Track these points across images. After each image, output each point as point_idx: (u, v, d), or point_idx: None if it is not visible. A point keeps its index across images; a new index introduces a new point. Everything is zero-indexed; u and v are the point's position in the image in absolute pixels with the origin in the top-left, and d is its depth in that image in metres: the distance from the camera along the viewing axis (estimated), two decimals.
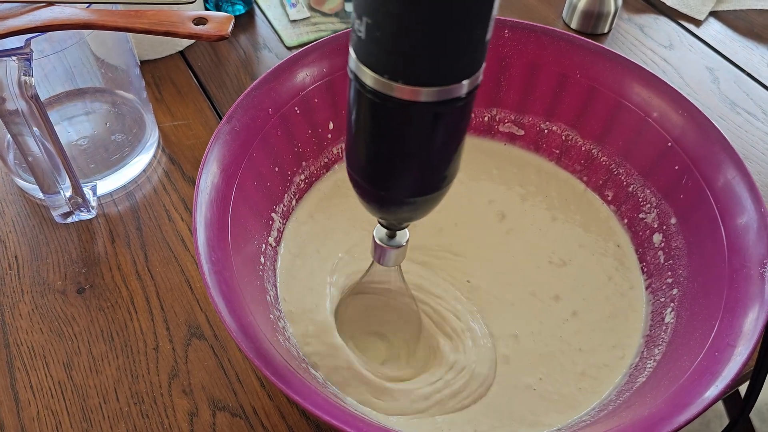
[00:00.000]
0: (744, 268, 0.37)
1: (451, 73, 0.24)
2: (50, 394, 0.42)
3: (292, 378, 0.32)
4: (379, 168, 0.29)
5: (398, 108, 0.25)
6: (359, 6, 0.24)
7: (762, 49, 0.67)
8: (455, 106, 0.25)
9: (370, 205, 0.31)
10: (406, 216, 0.32)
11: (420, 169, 0.28)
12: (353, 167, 0.30)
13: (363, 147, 0.28)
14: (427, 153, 0.27)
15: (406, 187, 0.29)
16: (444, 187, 0.30)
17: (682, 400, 0.33)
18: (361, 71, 0.25)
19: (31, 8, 0.41)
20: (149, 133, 0.54)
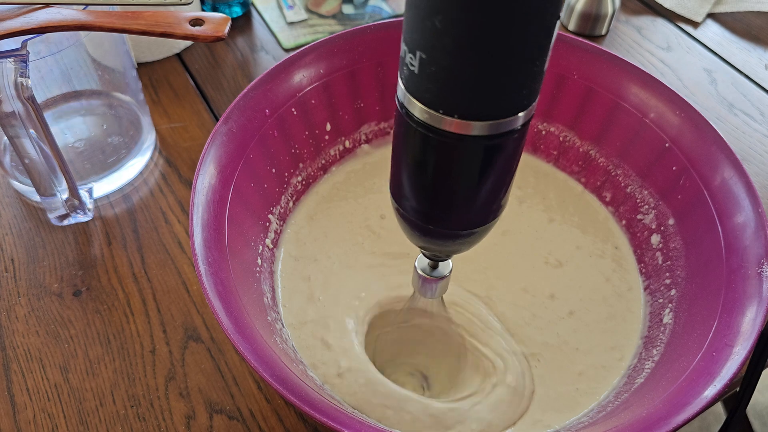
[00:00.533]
0: (742, 268, 0.37)
1: (508, 106, 0.24)
2: (46, 397, 0.42)
3: (290, 380, 0.32)
4: (425, 202, 0.28)
5: (453, 142, 0.24)
6: (413, 40, 0.23)
7: (759, 51, 0.67)
8: (510, 138, 0.25)
9: (414, 237, 0.30)
10: (451, 249, 0.31)
11: (471, 203, 0.27)
12: (398, 199, 0.29)
13: (410, 180, 0.28)
14: (480, 186, 0.27)
15: (457, 221, 0.28)
16: (494, 219, 0.29)
17: (681, 400, 0.32)
18: (412, 104, 0.24)
19: (28, 10, 0.41)
20: (146, 136, 0.54)
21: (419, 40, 0.23)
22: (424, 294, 0.35)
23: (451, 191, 0.27)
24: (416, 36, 0.23)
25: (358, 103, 0.49)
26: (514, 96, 0.23)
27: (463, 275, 0.45)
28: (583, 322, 0.44)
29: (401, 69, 0.25)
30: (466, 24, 0.21)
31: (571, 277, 0.46)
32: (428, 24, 0.22)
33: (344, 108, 0.49)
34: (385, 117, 0.51)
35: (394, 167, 0.29)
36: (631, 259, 0.47)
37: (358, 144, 0.51)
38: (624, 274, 0.46)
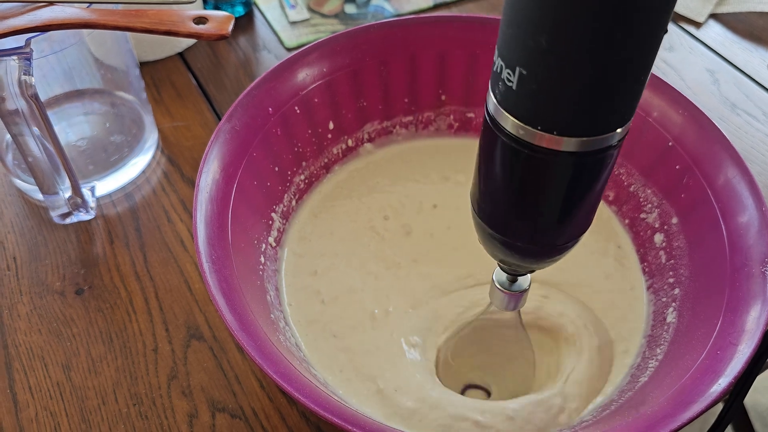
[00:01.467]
0: (745, 267, 0.37)
1: (608, 122, 0.24)
2: (49, 395, 0.42)
3: (294, 377, 0.32)
4: (510, 216, 0.28)
5: (548, 158, 0.24)
6: (512, 57, 0.23)
7: (762, 51, 0.67)
8: (606, 154, 0.25)
9: (494, 250, 0.30)
10: (532, 265, 0.31)
11: (559, 219, 0.27)
12: (480, 211, 0.29)
13: (495, 194, 0.27)
14: (570, 203, 0.27)
15: (541, 237, 0.28)
16: (580, 235, 0.28)
17: (685, 398, 0.32)
18: (504, 118, 0.24)
19: (32, 8, 0.41)
20: (148, 135, 0.54)
21: (521, 58, 0.22)
22: (502, 307, 0.35)
23: (540, 207, 0.27)
24: (518, 53, 0.22)
25: (361, 101, 0.49)
26: (616, 113, 0.23)
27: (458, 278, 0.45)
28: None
29: (495, 84, 0.24)
30: (575, 44, 0.21)
31: (573, 275, 0.46)
32: (532, 42, 0.22)
33: (347, 107, 0.49)
34: (387, 116, 0.51)
35: (477, 180, 0.28)
36: (633, 258, 0.46)
37: (361, 143, 0.51)
38: (626, 272, 0.46)
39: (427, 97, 0.51)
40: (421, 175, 0.50)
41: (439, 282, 0.45)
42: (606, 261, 0.46)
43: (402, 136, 0.52)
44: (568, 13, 0.21)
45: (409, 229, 0.47)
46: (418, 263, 0.45)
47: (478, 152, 0.28)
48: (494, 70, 0.24)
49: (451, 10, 0.70)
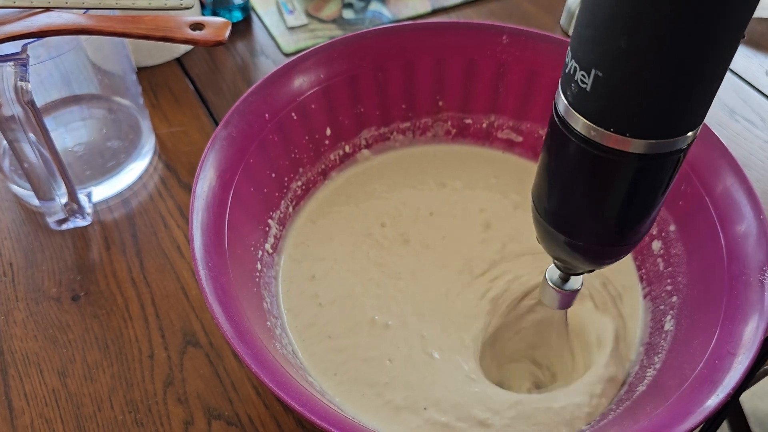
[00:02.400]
0: (743, 275, 0.37)
1: (681, 125, 0.24)
2: (44, 401, 0.41)
3: (291, 385, 0.32)
4: (576, 217, 0.28)
5: (618, 159, 0.24)
6: (588, 59, 0.23)
7: (760, 57, 0.67)
8: (676, 156, 0.25)
9: (553, 248, 0.30)
10: (589, 264, 0.31)
11: (624, 221, 0.27)
12: (541, 208, 0.29)
13: (559, 193, 0.28)
14: (635, 204, 0.27)
15: (603, 237, 0.28)
16: (641, 238, 0.29)
17: (683, 409, 0.32)
18: (575, 119, 0.24)
19: (29, 14, 0.41)
20: (145, 140, 0.54)
21: (597, 60, 0.22)
22: (553, 306, 0.35)
23: (605, 208, 0.27)
24: (594, 55, 0.23)
25: (358, 108, 0.49)
26: (689, 116, 0.24)
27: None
28: None
29: (567, 85, 0.25)
30: (654, 46, 0.21)
31: None
32: (611, 45, 0.22)
33: (344, 113, 0.49)
34: (385, 122, 0.51)
35: (541, 180, 0.29)
36: (630, 265, 0.46)
37: (358, 149, 0.51)
38: (623, 279, 0.46)
39: (425, 103, 0.51)
40: (418, 182, 0.50)
41: (439, 291, 0.44)
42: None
43: (399, 143, 0.52)
44: (648, 15, 0.21)
45: (407, 237, 0.47)
46: (416, 273, 0.45)
47: (543, 153, 0.28)
48: (566, 71, 0.24)
49: (450, 16, 0.70)
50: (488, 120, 0.52)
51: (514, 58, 0.49)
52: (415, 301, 0.44)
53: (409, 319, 0.43)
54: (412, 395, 0.39)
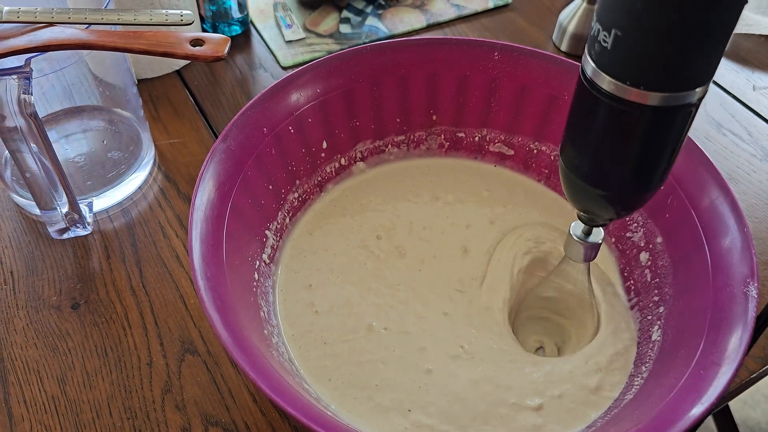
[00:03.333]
0: (728, 287, 0.38)
1: (690, 81, 0.27)
2: (44, 408, 0.42)
3: (287, 391, 0.33)
4: (598, 165, 0.31)
5: (635, 111, 0.28)
6: (609, 20, 0.26)
7: (747, 72, 0.68)
8: (685, 111, 0.28)
9: (578, 199, 0.34)
10: (612, 212, 0.34)
11: (644, 169, 0.31)
12: (569, 163, 0.33)
13: (586, 146, 0.31)
14: (652, 154, 0.30)
15: (624, 186, 0.32)
16: (658, 187, 0.32)
17: (669, 417, 0.33)
18: (600, 77, 0.28)
19: (32, 28, 0.42)
20: (145, 151, 0.55)
21: (616, 20, 0.26)
22: (579, 259, 0.39)
23: (627, 158, 0.30)
24: (614, 16, 0.26)
25: (354, 121, 0.50)
26: (696, 72, 0.27)
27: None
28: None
29: (591, 47, 0.28)
30: (670, 5, 0.24)
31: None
32: (629, 6, 0.25)
33: (340, 126, 0.50)
34: (379, 135, 0.52)
35: (570, 137, 0.32)
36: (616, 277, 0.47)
37: (354, 162, 0.52)
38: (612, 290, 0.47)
39: (419, 117, 0.52)
40: (413, 195, 0.51)
41: (438, 303, 0.45)
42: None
43: (394, 155, 0.53)
44: None
45: (402, 251, 0.48)
46: (415, 286, 0.46)
47: (570, 113, 0.32)
48: (591, 34, 0.28)
49: (444, 31, 0.71)
50: (480, 134, 0.53)
51: (506, 73, 0.50)
52: (416, 310, 0.45)
53: (410, 326, 0.44)
54: (398, 397, 0.40)
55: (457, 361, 0.42)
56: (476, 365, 0.42)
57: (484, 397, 0.40)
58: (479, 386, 0.41)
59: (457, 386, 0.41)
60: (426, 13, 0.72)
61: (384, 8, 0.73)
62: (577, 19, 0.67)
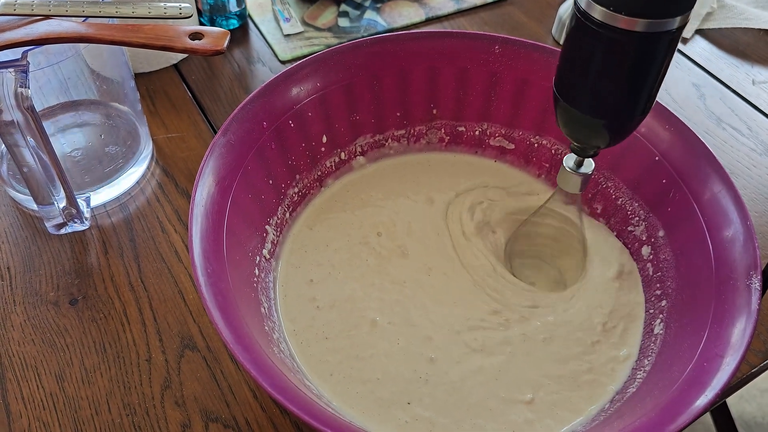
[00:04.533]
0: (731, 280, 0.38)
1: (669, 10, 0.31)
2: (42, 405, 0.42)
3: (288, 387, 0.33)
4: (593, 93, 0.34)
5: (623, 38, 0.31)
6: None
7: (747, 67, 0.68)
8: (667, 38, 0.31)
9: (570, 127, 0.37)
10: (601, 139, 0.37)
11: (631, 94, 0.34)
12: (562, 92, 0.36)
13: (583, 77, 0.34)
14: (640, 79, 0.33)
15: (613, 111, 0.35)
16: (647, 110, 0.35)
17: (673, 409, 0.33)
18: (592, 7, 0.31)
19: (29, 21, 0.41)
20: (143, 146, 0.55)
21: None
22: (574, 189, 0.41)
23: (618, 83, 0.33)
24: None
25: (354, 115, 0.50)
26: (673, 3, 0.30)
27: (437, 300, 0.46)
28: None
29: None
30: None
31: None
32: None
33: (340, 120, 0.49)
34: (380, 129, 0.51)
35: (565, 69, 0.35)
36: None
37: (354, 156, 0.52)
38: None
39: (419, 111, 0.52)
40: (412, 192, 0.51)
41: (446, 298, 0.45)
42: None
43: (394, 150, 0.53)
44: None
45: (405, 249, 0.48)
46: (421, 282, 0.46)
47: (566, 50, 0.35)
48: None
49: (443, 25, 0.71)
50: (481, 128, 0.53)
51: (506, 67, 0.50)
52: (425, 304, 0.45)
53: (416, 319, 0.44)
54: (399, 389, 0.40)
55: (462, 348, 0.42)
56: (482, 355, 0.42)
57: (480, 387, 0.41)
58: (477, 375, 0.41)
59: (456, 375, 0.41)
60: (425, 6, 0.72)
61: (382, 2, 0.72)
62: None
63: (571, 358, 0.42)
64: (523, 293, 0.45)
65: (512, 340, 0.43)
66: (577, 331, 0.43)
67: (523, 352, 0.42)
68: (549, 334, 0.43)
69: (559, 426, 0.39)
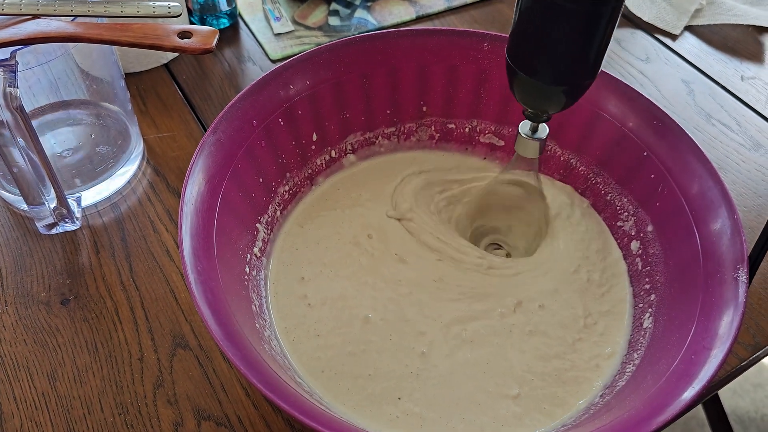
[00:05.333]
0: (718, 273, 0.38)
1: None
2: (34, 405, 0.42)
3: (279, 385, 0.33)
4: (543, 59, 0.36)
5: (576, 8, 0.33)
6: None
7: (736, 63, 0.69)
8: (612, 4, 0.33)
9: (521, 92, 0.39)
10: (551, 103, 0.39)
11: (578, 58, 0.35)
12: (513, 58, 0.37)
13: (536, 45, 0.36)
14: (580, 44, 0.35)
15: (557, 74, 0.36)
16: (590, 78, 0.37)
17: (660, 401, 0.33)
18: None
19: (17, 20, 0.41)
20: (134, 145, 0.55)
21: None
22: (531, 154, 0.43)
23: (572, 48, 0.35)
24: None
25: (344, 113, 0.50)
26: None
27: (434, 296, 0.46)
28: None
29: None
30: None
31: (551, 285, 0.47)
32: None
33: (330, 118, 0.49)
34: (370, 127, 0.52)
35: (518, 38, 0.37)
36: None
37: (344, 154, 0.52)
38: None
39: (409, 109, 0.52)
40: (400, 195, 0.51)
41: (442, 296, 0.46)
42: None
43: (384, 147, 0.53)
44: None
45: (395, 251, 0.48)
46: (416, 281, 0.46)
47: (519, 20, 0.36)
48: None
49: (433, 22, 0.71)
50: (471, 125, 0.53)
51: (496, 64, 0.50)
52: (420, 301, 0.45)
53: (411, 315, 0.44)
54: (390, 385, 0.40)
55: (453, 340, 0.43)
56: (472, 347, 0.43)
57: (469, 381, 0.41)
58: (466, 368, 0.42)
59: (445, 369, 0.41)
60: (415, 4, 0.72)
61: (373, 0, 0.72)
62: None
63: (553, 357, 0.42)
64: (509, 284, 0.46)
65: (499, 332, 0.43)
66: (558, 329, 0.44)
67: (509, 345, 0.43)
68: (534, 328, 0.44)
69: (548, 420, 0.39)
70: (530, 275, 0.46)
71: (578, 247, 0.47)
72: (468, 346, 0.42)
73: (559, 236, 0.48)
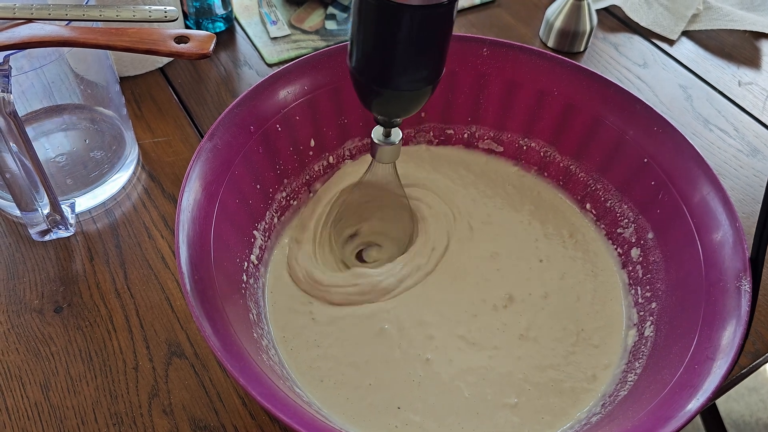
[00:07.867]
0: (721, 282, 0.38)
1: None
2: (26, 415, 0.41)
3: (277, 395, 0.32)
4: (372, 62, 0.35)
5: (395, 10, 0.32)
6: None
7: (733, 68, 0.69)
8: (443, 9, 0.33)
9: (366, 99, 0.38)
10: (396, 109, 0.38)
11: (410, 64, 0.35)
12: (352, 64, 0.36)
13: (361, 45, 0.35)
14: (416, 50, 0.34)
15: (397, 80, 0.35)
16: (429, 85, 0.36)
17: (664, 413, 0.33)
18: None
19: (10, 25, 0.41)
20: (129, 150, 0.54)
21: None
22: (386, 160, 0.42)
23: (394, 53, 0.34)
24: None
25: (342, 119, 0.49)
26: None
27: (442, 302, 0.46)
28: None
29: None
30: None
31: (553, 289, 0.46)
32: None
33: (328, 124, 0.49)
34: (368, 133, 0.51)
35: (358, 49, 0.36)
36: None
37: (342, 160, 0.51)
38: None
39: None
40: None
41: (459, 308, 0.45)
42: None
43: None
44: None
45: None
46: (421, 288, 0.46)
47: (357, 30, 0.35)
48: None
49: None
50: (470, 130, 0.52)
51: (495, 69, 0.49)
52: (431, 304, 0.45)
53: (427, 317, 0.44)
54: (390, 394, 0.40)
55: (458, 342, 0.43)
56: (475, 350, 0.43)
57: (469, 388, 0.41)
58: (467, 375, 0.41)
59: (447, 376, 0.41)
60: None
61: None
62: (564, 15, 0.67)
63: (549, 368, 0.42)
64: (498, 288, 0.46)
65: (499, 335, 0.43)
66: (553, 341, 0.43)
67: (507, 351, 0.43)
68: (532, 334, 0.44)
69: (548, 430, 0.39)
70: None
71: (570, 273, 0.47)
72: (471, 349, 0.42)
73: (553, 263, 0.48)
